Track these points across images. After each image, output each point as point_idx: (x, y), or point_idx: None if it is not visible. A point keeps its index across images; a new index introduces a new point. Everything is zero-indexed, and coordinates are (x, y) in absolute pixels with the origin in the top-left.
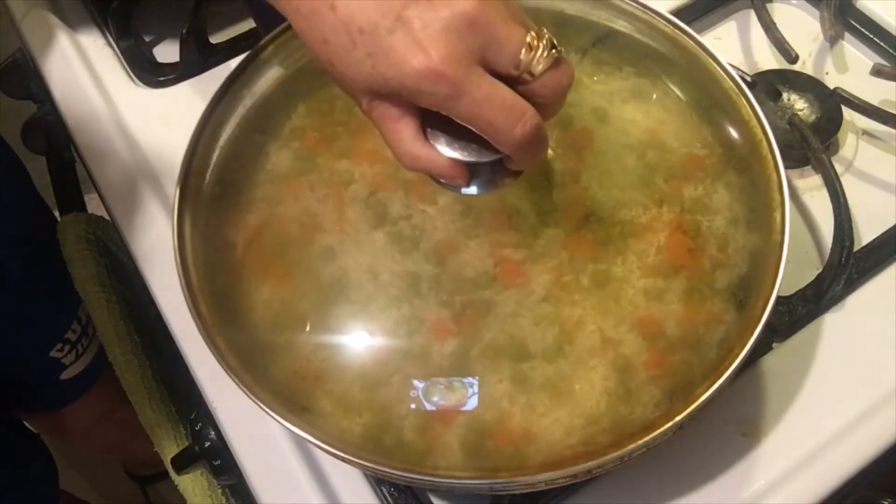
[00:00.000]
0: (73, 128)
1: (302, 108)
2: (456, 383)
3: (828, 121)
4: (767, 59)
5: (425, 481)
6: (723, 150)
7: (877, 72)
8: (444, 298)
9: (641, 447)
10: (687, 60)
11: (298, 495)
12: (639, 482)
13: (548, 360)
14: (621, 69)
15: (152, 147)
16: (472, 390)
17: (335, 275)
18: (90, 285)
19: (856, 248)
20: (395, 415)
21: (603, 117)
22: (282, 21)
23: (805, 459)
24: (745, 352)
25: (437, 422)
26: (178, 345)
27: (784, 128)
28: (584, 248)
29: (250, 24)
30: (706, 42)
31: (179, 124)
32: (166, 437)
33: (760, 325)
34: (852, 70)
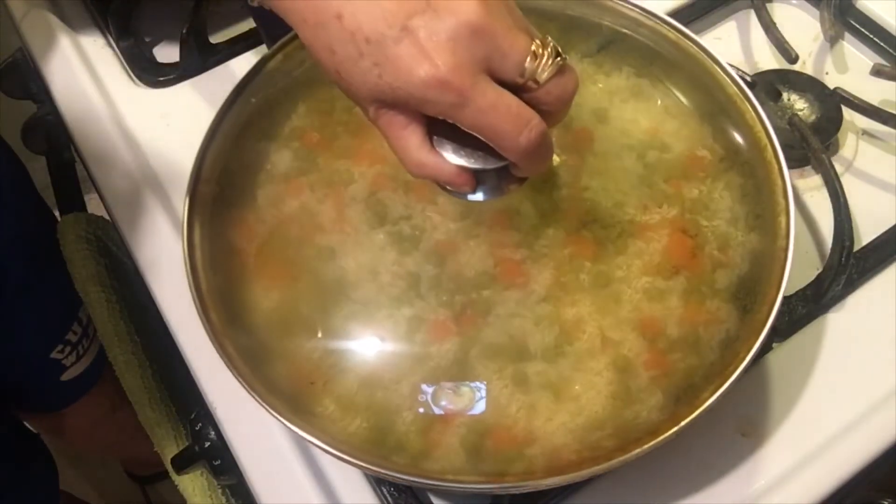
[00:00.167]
0: (73, 128)
1: (302, 108)
2: (464, 387)
3: (828, 121)
4: (767, 59)
5: (429, 485)
6: (725, 153)
7: (877, 72)
8: (445, 298)
9: (647, 451)
10: (691, 65)
11: (298, 495)
12: (639, 482)
13: (548, 360)
14: (621, 69)
15: (152, 147)
16: (480, 394)
17: (335, 275)
18: (90, 285)
19: (856, 248)
20: (395, 415)
21: (603, 117)
22: (284, 26)
23: (805, 459)
24: (749, 356)
25: (438, 423)
26: (180, 346)
27: (784, 128)
28: (584, 248)
29: (250, 23)
30: (706, 43)
31: (179, 124)
32: (166, 437)
33: (765, 330)
34: (852, 70)
